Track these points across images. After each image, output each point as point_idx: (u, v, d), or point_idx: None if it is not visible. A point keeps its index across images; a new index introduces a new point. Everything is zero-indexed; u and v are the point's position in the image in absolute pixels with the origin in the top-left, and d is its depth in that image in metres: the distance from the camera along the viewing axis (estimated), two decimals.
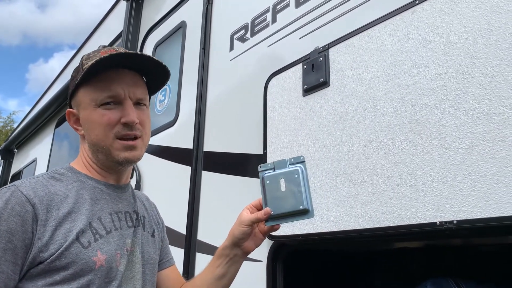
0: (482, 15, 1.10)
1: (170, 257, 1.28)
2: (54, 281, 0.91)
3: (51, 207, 0.94)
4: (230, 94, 2.07)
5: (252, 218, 1.09)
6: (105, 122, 1.01)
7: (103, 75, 1.02)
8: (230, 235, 1.13)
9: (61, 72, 5.08)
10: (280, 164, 1.11)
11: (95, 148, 1.05)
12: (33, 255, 0.90)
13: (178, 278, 1.27)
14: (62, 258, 0.91)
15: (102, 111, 1.02)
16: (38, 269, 0.91)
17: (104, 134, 1.02)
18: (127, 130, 1.02)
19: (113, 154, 1.03)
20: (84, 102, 1.04)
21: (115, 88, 1.02)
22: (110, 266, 0.97)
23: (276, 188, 1.09)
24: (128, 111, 1.02)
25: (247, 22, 2.04)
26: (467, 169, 1.05)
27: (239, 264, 1.16)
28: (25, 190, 0.93)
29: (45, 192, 0.96)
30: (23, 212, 0.91)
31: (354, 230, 1.29)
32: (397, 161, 1.21)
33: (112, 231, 1.02)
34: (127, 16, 3.11)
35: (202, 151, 2.15)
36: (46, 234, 0.91)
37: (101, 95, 1.01)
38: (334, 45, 1.49)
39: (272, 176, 1.11)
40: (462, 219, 1.04)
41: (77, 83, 1.03)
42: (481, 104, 1.06)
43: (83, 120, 1.06)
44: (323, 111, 1.47)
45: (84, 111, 1.05)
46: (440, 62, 1.17)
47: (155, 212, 1.28)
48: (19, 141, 5.87)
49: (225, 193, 1.94)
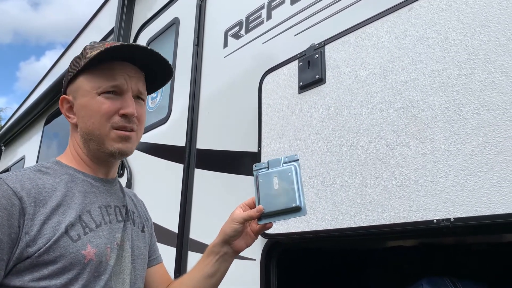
0: (480, 12, 1.09)
1: (158, 254, 1.26)
2: (42, 276, 0.88)
3: (38, 201, 0.91)
4: (224, 91, 2.05)
5: (244, 215, 1.09)
6: (103, 110, 1.00)
7: (107, 65, 1.02)
8: (221, 232, 1.12)
9: (51, 69, 5.00)
10: (274, 162, 1.12)
11: (88, 136, 1.02)
12: (20, 250, 0.87)
13: (166, 275, 1.25)
14: (51, 251, 0.88)
15: (102, 99, 1.00)
16: (25, 263, 0.87)
17: (100, 123, 1.00)
18: (124, 122, 1.01)
19: (107, 144, 1.01)
20: (83, 89, 1.02)
21: (119, 78, 1.01)
22: (100, 260, 0.95)
23: (269, 186, 1.09)
24: (128, 103, 1.01)
25: (241, 19, 2.02)
26: (465, 167, 1.05)
27: (229, 263, 1.15)
28: (11, 183, 0.90)
29: (33, 185, 0.93)
30: (10, 205, 0.87)
31: (349, 228, 1.27)
32: (393, 159, 1.21)
33: (102, 224, 0.99)
34: (119, 12, 3.07)
35: (195, 148, 2.13)
36: (34, 228, 0.88)
37: (104, 84, 1.00)
38: (330, 42, 1.48)
39: (266, 174, 1.11)
40: (459, 217, 1.03)
41: (79, 69, 1.02)
42: (479, 101, 1.05)
43: (78, 107, 1.03)
44: (318, 108, 1.46)
45: (82, 98, 1.02)
46: (437, 59, 1.16)
47: (143, 208, 1.26)
48: (7, 138, 5.78)
49: (218, 191, 1.92)
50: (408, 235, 1.26)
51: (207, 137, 2.10)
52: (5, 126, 6.04)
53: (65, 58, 4.49)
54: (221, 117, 2.03)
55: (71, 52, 4.30)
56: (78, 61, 1.04)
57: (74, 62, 1.06)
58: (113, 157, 1.05)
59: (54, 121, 4.38)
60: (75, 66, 1.04)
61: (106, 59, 1.01)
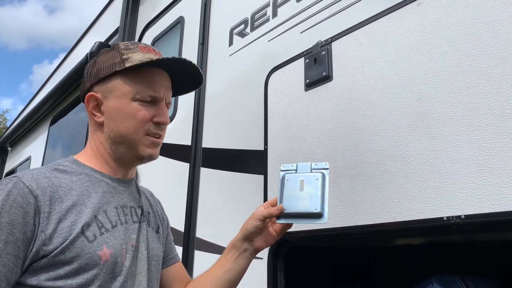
0: (490, 6, 1.08)
1: (175, 253, 1.25)
2: (58, 276, 0.88)
3: (54, 199, 0.91)
4: (230, 89, 2.05)
5: (264, 212, 1.10)
6: (139, 117, 1.02)
7: (146, 72, 1.04)
8: (243, 229, 1.14)
9: (56, 70, 5.02)
10: (303, 167, 1.13)
11: (119, 139, 1.03)
12: (36, 248, 0.87)
13: (184, 274, 1.25)
14: (67, 252, 0.88)
15: (138, 106, 1.02)
16: (41, 263, 0.88)
17: (135, 128, 1.02)
18: (157, 129, 1.05)
19: (139, 148, 1.04)
20: (119, 91, 1.02)
21: (158, 89, 1.04)
22: (115, 261, 0.95)
23: (294, 188, 1.10)
24: (163, 112, 1.06)
25: (246, 17, 2.01)
26: (475, 163, 1.03)
27: (248, 261, 1.16)
28: (27, 181, 0.90)
29: (48, 183, 0.93)
30: (25, 204, 0.88)
31: (358, 226, 1.26)
32: (402, 156, 1.19)
33: (117, 225, 0.99)
34: (124, 11, 3.07)
35: (200, 147, 2.13)
36: (50, 227, 0.88)
37: (143, 91, 1.03)
38: (337, 39, 1.47)
39: (293, 176, 1.13)
40: (470, 214, 1.02)
41: (116, 70, 1.02)
42: (489, 96, 1.04)
43: (111, 108, 1.03)
44: (325, 105, 1.45)
45: (116, 100, 1.03)
46: (446, 54, 1.15)
47: (159, 208, 1.26)
48: (12, 139, 5.80)
49: (224, 189, 1.92)
50: (418, 233, 1.24)
51: (212, 135, 2.09)
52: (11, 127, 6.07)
53: (70, 59, 4.50)
54: (227, 116, 2.02)
55: (76, 53, 4.31)
56: (112, 60, 1.04)
57: (106, 59, 1.05)
58: (142, 161, 1.07)
59: (59, 121, 4.39)
60: (111, 65, 1.03)
61: (147, 66, 1.03)
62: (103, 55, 1.07)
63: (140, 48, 1.04)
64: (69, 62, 4.33)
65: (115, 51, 1.05)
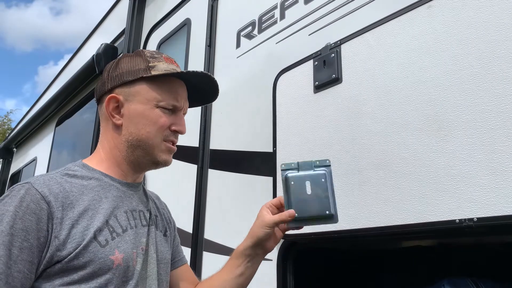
0: (502, 9, 1.08)
1: (183, 255, 1.27)
2: (72, 281, 0.89)
3: (66, 205, 0.92)
4: (237, 91, 2.05)
5: (276, 219, 1.08)
6: (160, 123, 1.05)
7: (171, 82, 1.09)
8: (253, 236, 1.11)
9: (61, 71, 5.04)
10: (305, 165, 1.10)
11: (138, 143, 1.05)
12: (50, 254, 0.88)
13: (192, 276, 1.26)
14: (80, 257, 0.90)
15: (160, 112, 1.06)
16: (55, 268, 0.89)
17: (155, 134, 1.05)
18: (174, 136, 1.09)
19: (156, 154, 1.06)
20: (143, 96, 1.05)
21: (180, 99, 1.09)
22: (127, 265, 0.96)
23: (301, 191, 1.07)
24: (182, 122, 1.10)
25: (254, 19, 2.02)
26: (488, 166, 1.04)
27: (259, 263, 1.17)
28: (39, 188, 0.91)
29: (60, 189, 0.94)
30: (38, 210, 0.89)
31: (369, 229, 1.27)
32: (413, 158, 1.19)
33: (128, 229, 1.00)
34: (130, 13, 3.08)
35: (208, 149, 2.13)
36: (63, 232, 0.89)
37: (166, 100, 1.06)
38: (346, 41, 1.47)
39: (297, 177, 1.08)
40: (483, 217, 1.02)
41: (143, 76, 1.05)
42: (501, 99, 1.04)
43: (132, 112, 1.05)
44: (335, 107, 1.45)
45: (139, 105, 1.05)
46: (457, 57, 1.15)
47: (166, 211, 1.27)
48: (18, 140, 5.82)
49: (232, 191, 1.92)
50: (429, 235, 1.25)
51: (220, 137, 2.10)
52: (16, 128, 6.10)
53: (75, 61, 4.51)
54: (234, 118, 2.03)
55: (81, 55, 4.33)
56: (138, 65, 1.06)
57: (131, 64, 1.07)
58: (156, 166, 1.09)
59: (65, 122, 4.41)
60: (136, 71, 1.05)
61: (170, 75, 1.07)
62: (127, 59, 1.09)
63: (164, 58, 1.09)
64: (75, 64, 4.34)
65: (141, 58, 1.07)
